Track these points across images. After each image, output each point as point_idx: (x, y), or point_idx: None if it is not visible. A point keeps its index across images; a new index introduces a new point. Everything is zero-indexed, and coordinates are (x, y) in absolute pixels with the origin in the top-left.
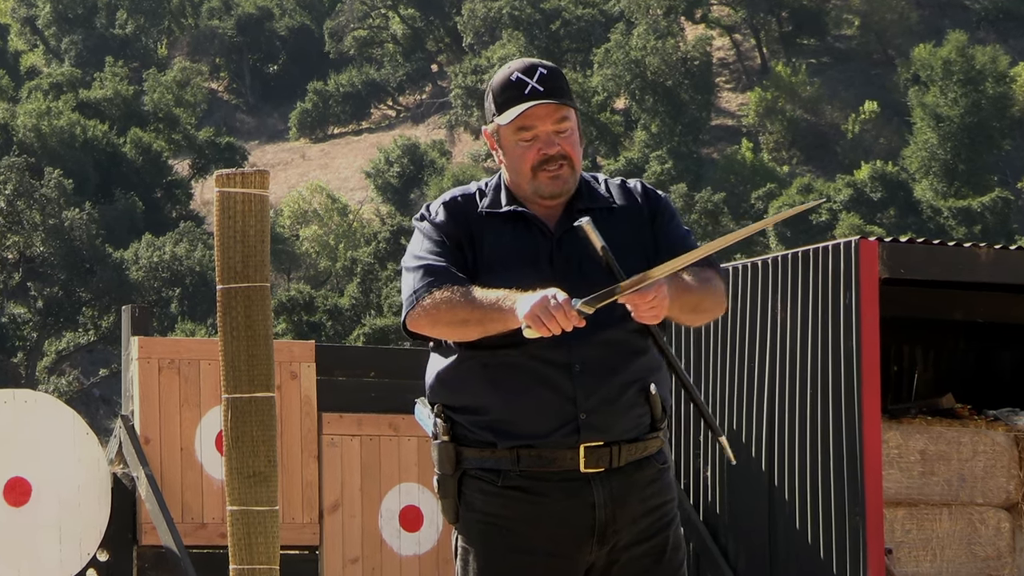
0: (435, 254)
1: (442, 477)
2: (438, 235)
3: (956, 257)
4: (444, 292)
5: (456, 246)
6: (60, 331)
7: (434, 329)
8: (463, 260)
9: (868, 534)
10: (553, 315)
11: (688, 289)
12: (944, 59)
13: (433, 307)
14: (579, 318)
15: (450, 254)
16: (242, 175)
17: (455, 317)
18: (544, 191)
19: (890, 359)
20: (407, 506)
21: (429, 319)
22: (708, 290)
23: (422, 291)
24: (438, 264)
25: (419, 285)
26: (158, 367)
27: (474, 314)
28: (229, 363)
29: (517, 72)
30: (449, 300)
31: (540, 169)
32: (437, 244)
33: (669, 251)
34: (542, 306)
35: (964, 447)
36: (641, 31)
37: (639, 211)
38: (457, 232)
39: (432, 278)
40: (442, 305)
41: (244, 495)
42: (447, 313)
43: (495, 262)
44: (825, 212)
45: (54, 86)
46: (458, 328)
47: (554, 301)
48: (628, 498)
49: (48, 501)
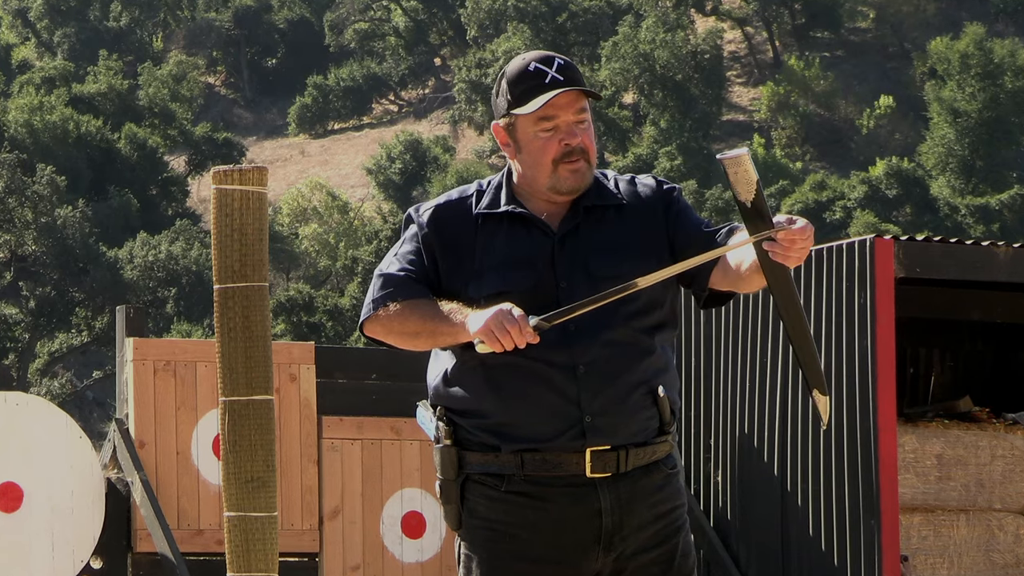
0: (405, 261)
1: (444, 482)
2: (416, 241)
3: (974, 256)
4: (399, 305)
5: (431, 256)
6: (53, 332)
7: (387, 338)
8: (435, 272)
9: (883, 541)
10: (507, 330)
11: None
12: (962, 52)
13: (386, 318)
14: (534, 335)
15: (419, 264)
16: (240, 172)
17: (406, 329)
18: (563, 186)
19: (906, 361)
20: (409, 512)
21: (383, 328)
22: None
23: (379, 302)
24: (399, 275)
25: (377, 295)
26: (153, 369)
27: (425, 326)
28: (226, 365)
29: (535, 62)
30: (401, 312)
31: (561, 162)
32: (412, 251)
33: (688, 239)
34: (496, 321)
35: (982, 451)
36: (650, 24)
37: (651, 207)
38: (436, 241)
39: (391, 289)
40: (395, 317)
41: (242, 501)
42: (399, 325)
43: (489, 266)
44: (839, 210)
45: (46, 80)
46: (409, 339)
47: (509, 316)
48: (635, 504)
49: (40, 507)
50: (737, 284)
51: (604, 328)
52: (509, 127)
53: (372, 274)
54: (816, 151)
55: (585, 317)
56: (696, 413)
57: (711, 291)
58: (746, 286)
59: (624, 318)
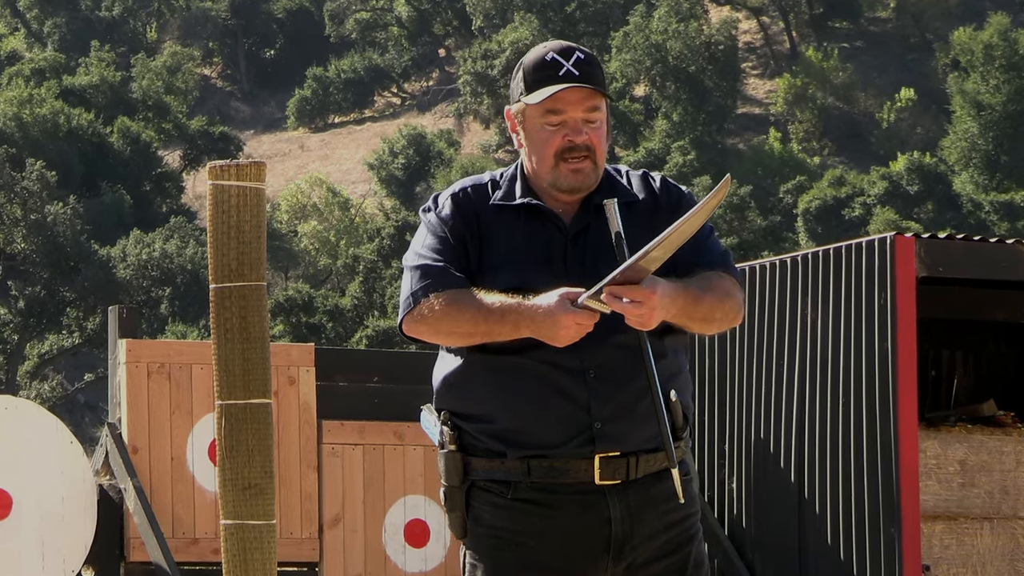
0: (436, 251)
1: (449, 489)
2: (441, 231)
3: (998, 254)
4: (443, 298)
5: (460, 243)
6: (43, 333)
7: (435, 337)
8: (466, 259)
9: (904, 550)
10: (582, 324)
11: (699, 299)
12: (985, 43)
13: (433, 316)
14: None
15: (452, 253)
16: (237, 167)
17: (457, 329)
18: (563, 183)
19: (928, 363)
20: (412, 520)
21: (428, 327)
22: (722, 300)
23: (419, 294)
24: (436, 264)
25: (416, 287)
26: (147, 372)
27: (478, 328)
28: (223, 367)
29: (553, 52)
30: (448, 311)
31: (562, 158)
32: (440, 241)
33: (692, 250)
34: (569, 324)
35: (1007, 457)
36: (662, 13)
37: (661, 206)
38: (462, 229)
39: (429, 280)
40: (443, 316)
41: (239, 508)
42: (448, 325)
43: (505, 260)
44: (859, 206)
45: (36, 72)
46: (461, 339)
47: (579, 315)
48: (646, 512)
49: (30, 515)
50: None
51: (614, 331)
52: (519, 114)
53: (372, 274)
54: (834, 145)
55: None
56: (710, 418)
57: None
58: (693, 331)
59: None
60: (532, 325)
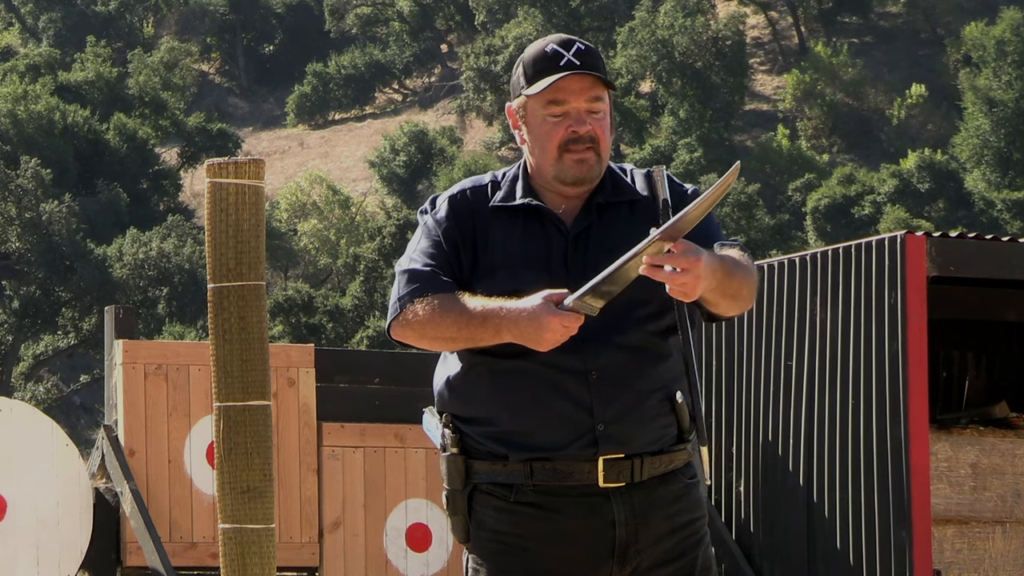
0: (427, 255)
1: (451, 492)
2: (435, 234)
3: (1010, 253)
4: (428, 304)
5: (452, 247)
6: (38, 334)
7: (420, 342)
8: (458, 263)
9: (915, 554)
10: (567, 327)
11: (732, 273)
12: (998, 39)
13: (417, 321)
14: (579, 316)
15: (443, 257)
16: (235, 165)
17: (440, 334)
18: (567, 175)
19: (939, 364)
20: (414, 524)
21: (414, 332)
22: (748, 278)
23: (406, 299)
24: (424, 269)
25: (403, 292)
26: (144, 373)
27: (461, 332)
28: (221, 368)
29: (554, 44)
30: (433, 316)
31: (566, 149)
32: (433, 244)
33: (704, 229)
34: (556, 327)
35: (1019, 460)
36: (668, 8)
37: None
38: (457, 233)
39: (417, 285)
40: (427, 321)
41: (237, 512)
42: (432, 329)
43: (502, 263)
44: (869, 205)
45: (31, 68)
46: (445, 344)
47: (564, 318)
48: (651, 515)
49: (25, 518)
50: (714, 307)
51: (616, 332)
52: (521, 109)
53: (373, 273)
54: (844, 143)
55: (596, 320)
56: (717, 420)
57: (704, 311)
58: (718, 310)
59: (637, 321)
60: (515, 329)
